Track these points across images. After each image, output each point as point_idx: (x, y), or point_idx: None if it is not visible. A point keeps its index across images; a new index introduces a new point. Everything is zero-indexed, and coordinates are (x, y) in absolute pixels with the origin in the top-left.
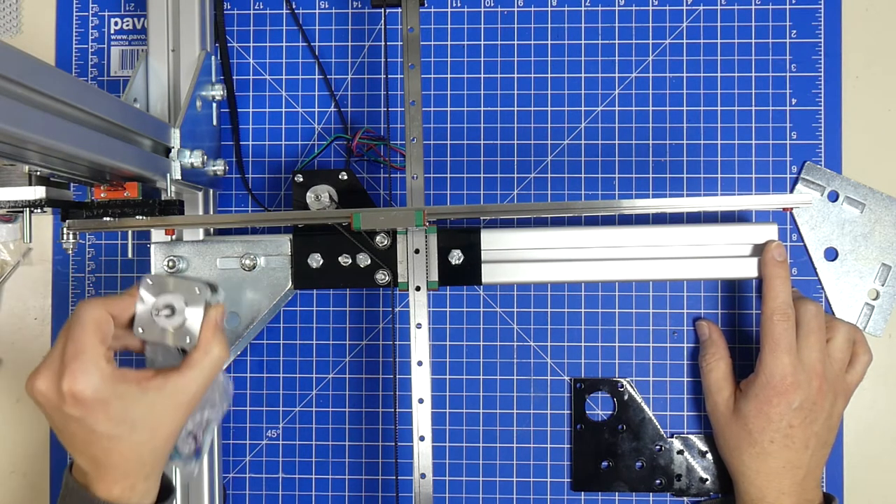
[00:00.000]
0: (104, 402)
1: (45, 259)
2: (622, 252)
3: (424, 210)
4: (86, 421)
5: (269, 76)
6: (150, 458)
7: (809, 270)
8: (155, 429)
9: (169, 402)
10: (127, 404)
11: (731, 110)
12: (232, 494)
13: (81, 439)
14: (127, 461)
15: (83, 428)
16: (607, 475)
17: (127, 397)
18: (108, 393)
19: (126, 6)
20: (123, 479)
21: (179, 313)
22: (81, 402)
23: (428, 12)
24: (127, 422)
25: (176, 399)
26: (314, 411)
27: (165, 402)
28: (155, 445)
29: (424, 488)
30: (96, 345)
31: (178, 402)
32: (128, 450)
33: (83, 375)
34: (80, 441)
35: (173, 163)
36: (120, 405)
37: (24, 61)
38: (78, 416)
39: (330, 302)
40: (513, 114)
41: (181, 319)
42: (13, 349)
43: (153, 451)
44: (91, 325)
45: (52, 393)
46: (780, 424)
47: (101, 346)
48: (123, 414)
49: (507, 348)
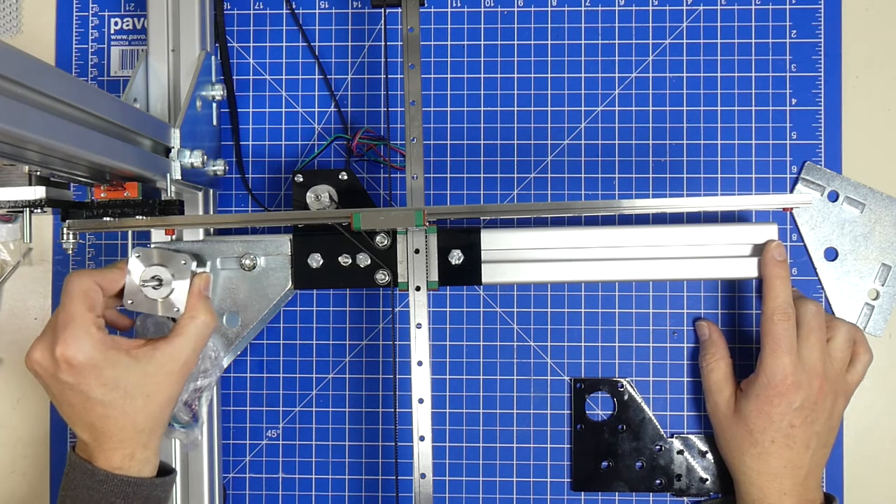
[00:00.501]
0: (96, 367)
1: (45, 259)
2: (622, 252)
3: (424, 210)
4: (80, 387)
5: (269, 76)
6: (146, 425)
7: (809, 270)
8: (149, 395)
9: (161, 369)
10: (119, 371)
11: (731, 110)
12: (232, 494)
13: (78, 407)
14: (122, 428)
15: (79, 394)
16: (607, 475)
17: (119, 364)
18: (100, 358)
19: (126, 6)
20: (121, 446)
21: (167, 284)
22: (75, 368)
23: (428, 12)
24: (120, 388)
25: (167, 366)
26: (314, 411)
27: (157, 369)
28: (150, 411)
29: (424, 488)
30: (85, 313)
31: (169, 369)
32: (122, 416)
33: (74, 341)
34: (77, 409)
35: (173, 163)
36: (112, 372)
37: (24, 61)
38: (73, 383)
39: (330, 302)
40: (513, 114)
41: (168, 290)
42: (13, 349)
43: (149, 418)
44: (79, 294)
45: (47, 361)
46: (782, 424)
47: (89, 313)
48: (116, 380)
49: (507, 348)
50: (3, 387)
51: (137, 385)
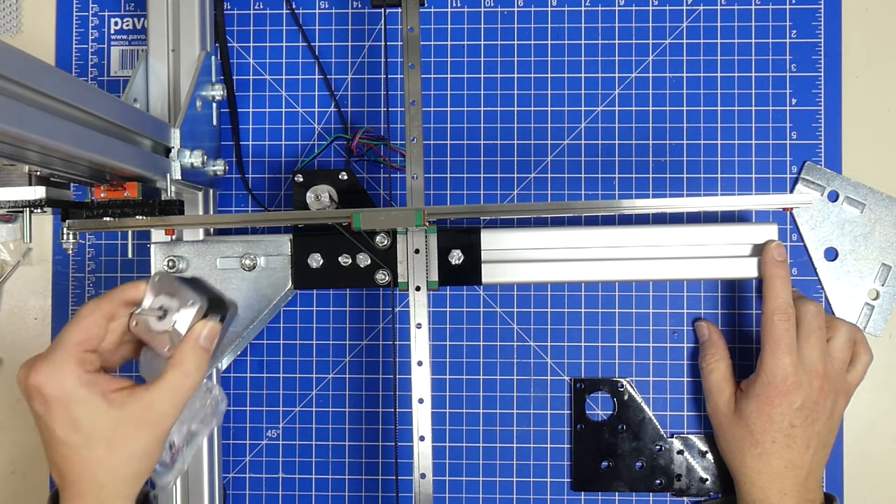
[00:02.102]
0: (64, 403)
1: (45, 259)
2: (622, 252)
3: (424, 210)
4: (47, 421)
5: (269, 76)
6: (106, 481)
7: (809, 270)
8: (112, 446)
9: (132, 419)
10: (85, 413)
11: (731, 110)
12: (232, 494)
13: (46, 441)
14: (81, 478)
15: (46, 428)
16: (607, 475)
17: (88, 405)
18: (71, 395)
19: (126, 6)
20: (80, 498)
21: (169, 317)
22: (43, 399)
23: (428, 12)
24: (82, 432)
25: (140, 416)
26: (314, 411)
27: (129, 417)
28: (112, 465)
29: (424, 488)
30: (76, 343)
31: (141, 420)
32: (82, 464)
33: (48, 370)
34: (46, 443)
35: (173, 163)
36: (80, 411)
37: (24, 61)
38: (41, 413)
39: (330, 302)
40: (513, 114)
41: (169, 324)
42: (13, 349)
43: (111, 473)
44: (80, 322)
45: (22, 384)
46: (782, 424)
47: (78, 346)
48: (79, 422)
49: (507, 348)
50: (3, 387)
51: (101, 431)
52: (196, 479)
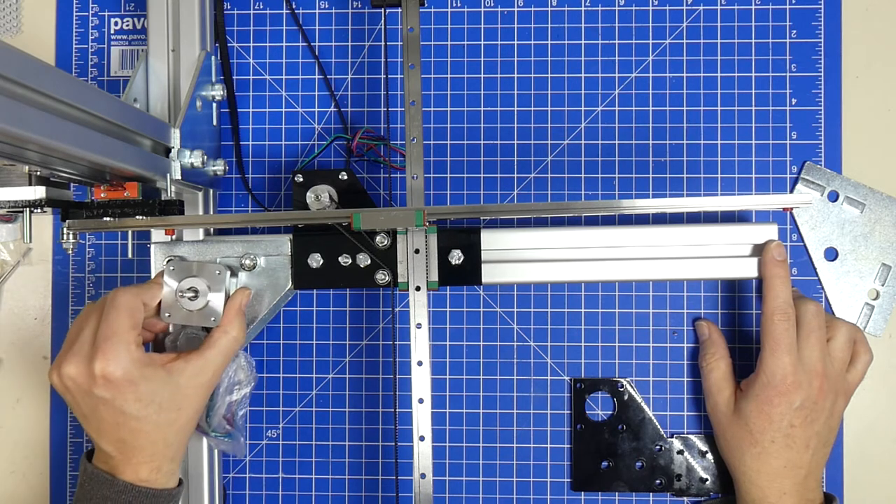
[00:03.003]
0: (133, 383)
1: (45, 259)
2: (622, 252)
3: (424, 210)
4: (115, 402)
5: (269, 76)
6: (175, 439)
7: (809, 270)
8: (180, 409)
9: (191, 381)
10: (154, 386)
11: (731, 110)
12: (232, 494)
13: (110, 422)
14: (154, 442)
15: (112, 410)
16: (607, 475)
17: (154, 379)
18: (137, 375)
19: (126, 6)
20: (150, 460)
21: (203, 295)
22: (112, 383)
23: (428, 12)
24: (154, 403)
25: (198, 378)
26: (314, 411)
27: (188, 382)
28: (180, 426)
29: (424, 488)
30: (128, 329)
31: (199, 382)
32: (155, 430)
33: (115, 357)
34: (108, 424)
35: (173, 163)
36: (147, 387)
37: (24, 61)
38: (108, 398)
39: (330, 302)
40: (513, 114)
41: (204, 301)
42: (13, 349)
43: (178, 432)
44: (125, 310)
45: (82, 377)
46: (782, 424)
47: (132, 331)
48: (151, 395)
49: (507, 348)
50: (3, 387)
51: (171, 399)
52: (196, 479)
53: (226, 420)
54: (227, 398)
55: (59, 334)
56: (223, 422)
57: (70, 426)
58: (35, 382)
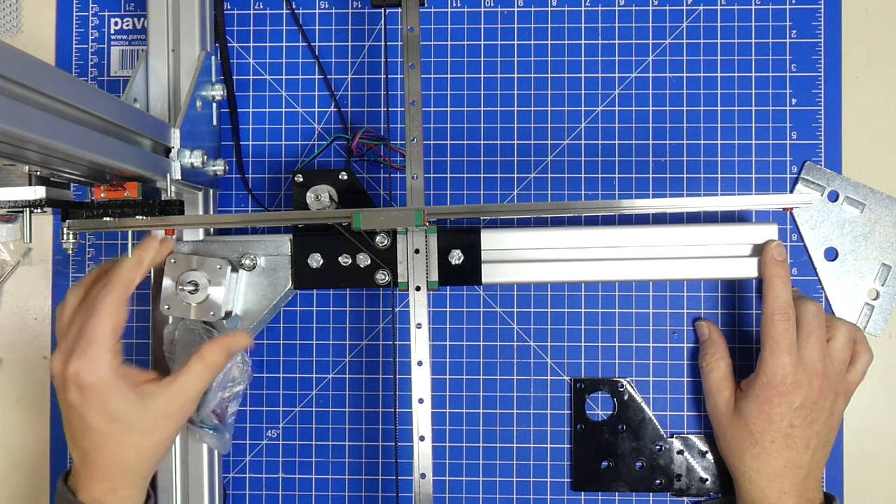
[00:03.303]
0: (102, 394)
1: (45, 259)
2: (622, 252)
3: (424, 210)
4: (82, 410)
5: (269, 76)
6: (135, 463)
7: (809, 270)
8: (144, 433)
9: (161, 408)
10: (123, 405)
11: (731, 110)
12: (232, 494)
13: (77, 429)
14: (113, 462)
15: (79, 417)
16: (607, 475)
17: (125, 397)
18: (109, 387)
19: (126, 6)
20: (106, 479)
21: (203, 289)
22: (82, 390)
23: (428, 12)
24: (120, 421)
25: (169, 407)
26: (314, 411)
27: (158, 408)
28: (142, 449)
29: (424, 488)
30: (108, 336)
31: (169, 410)
32: (115, 449)
33: (88, 364)
34: (76, 430)
35: (173, 163)
36: (117, 404)
37: (24, 61)
38: (77, 404)
39: (330, 302)
40: (513, 114)
41: (204, 294)
42: (13, 349)
43: (140, 456)
44: (109, 313)
45: (59, 376)
46: (781, 424)
47: (111, 338)
48: (118, 413)
49: (507, 348)
50: (3, 387)
51: (138, 421)
52: (196, 479)
53: (215, 415)
54: (220, 394)
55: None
56: (211, 415)
57: None
58: (35, 382)
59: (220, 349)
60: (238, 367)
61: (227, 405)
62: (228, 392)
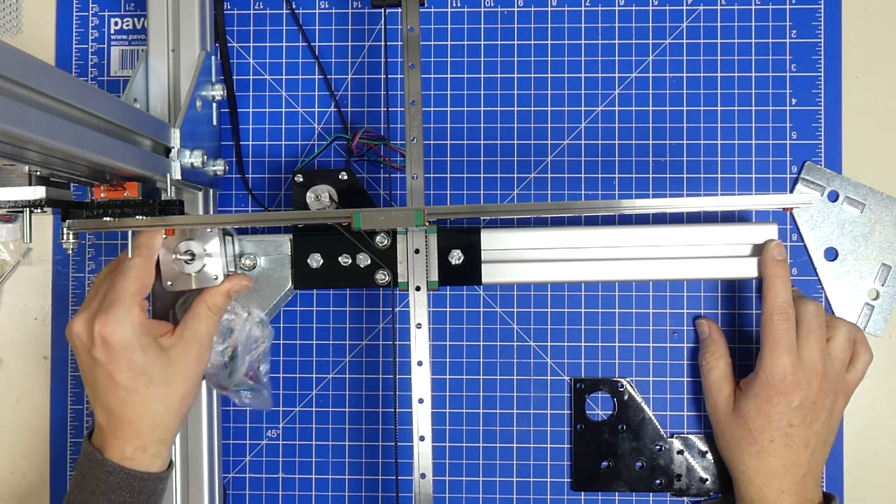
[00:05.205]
0: (128, 350)
1: (45, 259)
2: (622, 252)
3: (424, 210)
4: (109, 367)
5: (269, 76)
6: (163, 417)
7: (809, 270)
8: (169, 384)
9: (181, 355)
10: (148, 357)
11: (731, 110)
12: (232, 494)
13: (102, 387)
14: (140, 417)
15: (106, 374)
16: (607, 475)
17: (149, 350)
18: (134, 341)
19: (126, 6)
20: (136, 437)
21: (199, 258)
22: (108, 347)
23: (428, 12)
24: (146, 374)
25: (187, 352)
26: (314, 411)
27: (178, 356)
28: (170, 402)
29: (424, 488)
30: (134, 293)
31: (189, 355)
32: (142, 404)
33: (115, 320)
34: (101, 388)
35: (173, 163)
36: (142, 357)
37: (24, 61)
38: (103, 361)
39: (330, 302)
40: (513, 114)
41: (201, 263)
42: (13, 349)
43: (167, 409)
44: (133, 273)
45: (84, 335)
46: (781, 423)
47: (138, 295)
48: (144, 366)
49: (507, 348)
50: (3, 387)
51: (162, 372)
52: (196, 479)
53: (249, 377)
54: (247, 357)
55: (59, 334)
56: (246, 379)
57: (70, 426)
58: (35, 382)
59: (220, 291)
60: (257, 326)
61: (257, 366)
62: (255, 352)
